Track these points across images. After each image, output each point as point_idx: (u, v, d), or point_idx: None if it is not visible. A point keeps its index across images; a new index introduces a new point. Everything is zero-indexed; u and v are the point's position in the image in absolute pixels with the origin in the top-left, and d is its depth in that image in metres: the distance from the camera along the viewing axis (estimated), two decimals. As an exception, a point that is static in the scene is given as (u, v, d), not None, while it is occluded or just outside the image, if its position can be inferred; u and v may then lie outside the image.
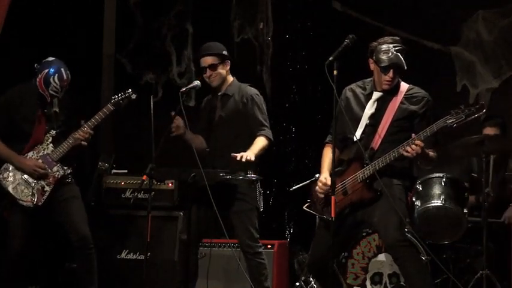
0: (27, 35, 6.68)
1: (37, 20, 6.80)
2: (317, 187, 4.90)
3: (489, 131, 6.13)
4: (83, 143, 5.54)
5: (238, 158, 5.10)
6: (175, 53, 7.64)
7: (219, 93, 5.52)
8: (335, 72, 4.49)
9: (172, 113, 5.23)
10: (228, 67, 5.53)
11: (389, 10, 7.19)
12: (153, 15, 7.71)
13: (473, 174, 6.30)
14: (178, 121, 5.29)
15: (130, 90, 5.67)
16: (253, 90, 5.53)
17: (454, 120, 4.53)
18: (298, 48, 7.65)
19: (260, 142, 5.33)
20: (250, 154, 5.16)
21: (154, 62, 7.66)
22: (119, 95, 5.66)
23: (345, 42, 4.60)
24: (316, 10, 7.67)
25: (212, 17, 7.65)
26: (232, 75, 5.59)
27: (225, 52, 5.51)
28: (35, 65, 5.58)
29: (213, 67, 5.45)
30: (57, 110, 5.59)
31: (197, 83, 5.33)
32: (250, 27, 7.66)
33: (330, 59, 4.51)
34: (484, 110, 4.53)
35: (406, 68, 4.77)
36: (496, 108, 6.92)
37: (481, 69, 7.14)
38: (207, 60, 5.46)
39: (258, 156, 5.25)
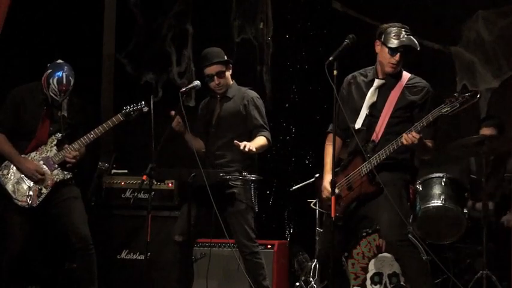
0: (27, 36, 6.69)
1: (37, 20, 6.81)
2: (324, 193, 4.88)
3: (486, 131, 6.13)
4: (68, 165, 5.56)
5: (241, 147, 5.09)
6: (175, 53, 7.64)
7: (219, 96, 5.51)
8: (335, 72, 4.49)
9: (173, 112, 5.23)
10: (231, 71, 5.52)
11: (390, 10, 7.19)
12: (153, 15, 7.71)
13: (472, 176, 6.29)
14: (179, 119, 5.28)
15: (143, 102, 5.63)
16: (253, 93, 5.52)
17: (449, 109, 4.52)
18: (298, 48, 7.64)
19: (260, 140, 5.33)
20: (251, 145, 5.15)
21: (154, 62, 7.66)
22: (131, 106, 5.64)
23: (345, 42, 4.60)
24: (316, 10, 7.66)
25: (212, 17, 7.65)
26: (232, 76, 5.58)
27: (225, 57, 5.49)
28: (48, 65, 5.59)
29: (221, 74, 5.42)
30: (65, 114, 5.60)
31: (197, 83, 5.33)
32: (250, 27, 7.65)
33: (330, 59, 4.51)
34: (479, 96, 4.51)
35: (418, 48, 4.76)
36: (496, 108, 6.93)
37: (481, 69, 7.13)
38: (215, 68, 5.42)
39: (257, 152, 5.25)
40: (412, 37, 4.74)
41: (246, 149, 5.09)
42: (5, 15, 6.08)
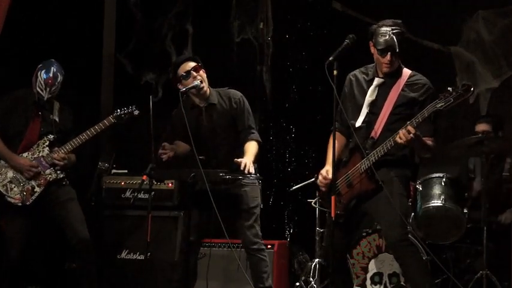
0: (27, 36, 6.69)
1: (37, 20, 6.81)
2: (318, 180, 4.89)
3: (480, 127, 6.16)
4: (56, 167, 5.58)
5: (242, 167, 5.04)
6: (175, 53, 7.64)
7: (202, 105, 5.38)
8: (335, 72, 4.49)
9: (164, 145, 5.19)
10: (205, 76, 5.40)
11: (389, 10, 7.16)
12: (153, 15, 7.71)
13: (470, 175, 6.30)
14: (167, 150, 5.23)
15: (133, 106, 5.68)
16: (238, 93, 5.45)
17: (443, 103, 4.52)
18: (298, 48, 7.65)
19: (253, 148, 5.28)
20: (250, 164, 5.08)
21: (154, 62, 7.66)
22: (122, 109, 5.67)
23: (345, 42, 4.60)
24: (316, 10, 7.67)
25: (212, 17, 7.65)
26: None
27: None
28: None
29: (197, 69, 5.30)
30: (56, 119, 5.63)
31: (197, 83, 5.29)
32: (250, 27, 7.66)
33: (330, 59, 4.51)
34: (472, 89, 4.51)
35: (398, 50, 4.72)
36: (496, 108, 6.93)
37: (481, 69, 7.14)
38: (189, 64, 5.31)
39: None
40: (394, 37, 4.69)
41: (246, 171, 5.05)
42: (5, 15, 6.08)
